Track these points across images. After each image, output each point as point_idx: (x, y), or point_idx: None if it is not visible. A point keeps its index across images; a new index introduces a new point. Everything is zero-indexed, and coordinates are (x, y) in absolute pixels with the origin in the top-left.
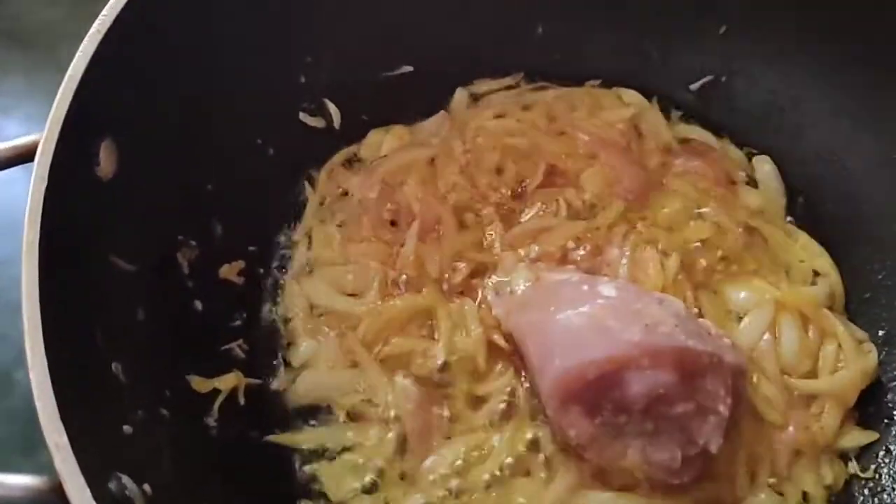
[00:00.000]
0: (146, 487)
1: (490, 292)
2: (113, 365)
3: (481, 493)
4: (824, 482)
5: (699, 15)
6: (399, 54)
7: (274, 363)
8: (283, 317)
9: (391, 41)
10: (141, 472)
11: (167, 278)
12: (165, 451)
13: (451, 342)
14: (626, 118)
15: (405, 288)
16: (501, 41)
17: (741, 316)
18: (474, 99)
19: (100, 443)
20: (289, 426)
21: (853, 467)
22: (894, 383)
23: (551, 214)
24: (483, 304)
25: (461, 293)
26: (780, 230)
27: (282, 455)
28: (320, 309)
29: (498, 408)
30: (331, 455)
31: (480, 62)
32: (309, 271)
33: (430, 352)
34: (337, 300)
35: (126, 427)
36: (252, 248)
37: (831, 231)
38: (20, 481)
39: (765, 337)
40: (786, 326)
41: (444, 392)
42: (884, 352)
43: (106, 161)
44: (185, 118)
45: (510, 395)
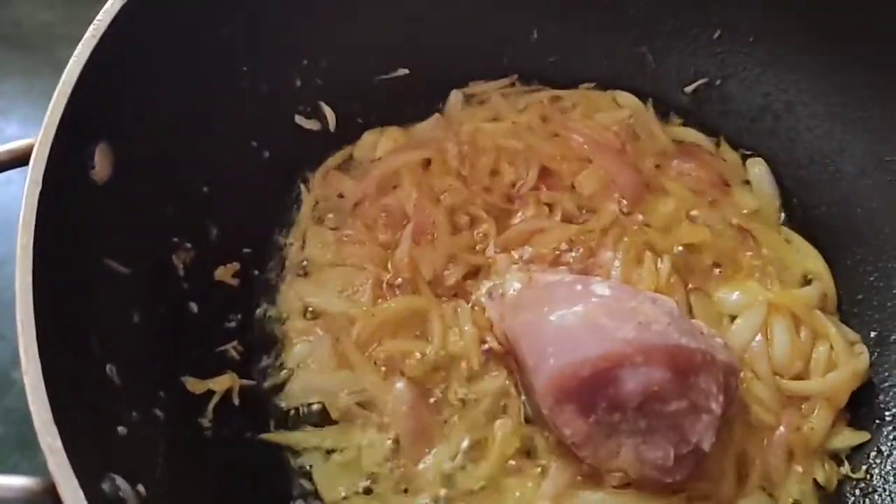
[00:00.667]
0: (140, 488)
1: (483, 295)
2: (107, 367)
3: (475, 494)
4: (815, 482)
5: (694, 19)
6: (394, 57)
7: (268, 364)
8: (278, 318)
9: (386, 44)
10: (135, 473)
11: (162, 280)
12: (160, 452)
13: (445, 344)
14: (621, 120)
15: (399, 290)
16: (496, 44)
17: (734, 317)
18: (469, 101)
19: (94, 444)
20: (283, 427)
21: (845, 468)
22: (886, 384)
23: (545, 217)
24: (476, 306)
25: (455, 295)
26: (774, 232)
27: (276, 456)
28: (314, 310)
29: (491, 409)
30: (325, 456)
31: (475, 65)
32: (303, 273)
33: (424, 353)
34: (331, 302)
35: (120, 428)
36: (247, 251)
37: (824, 233)
38: (14, 482)
39: (757, 338)
40: (778, 328)
41: (438, 393)
42: (875, 353)
43: (101, 164)
44: (181, 121)
45: (503, 397)
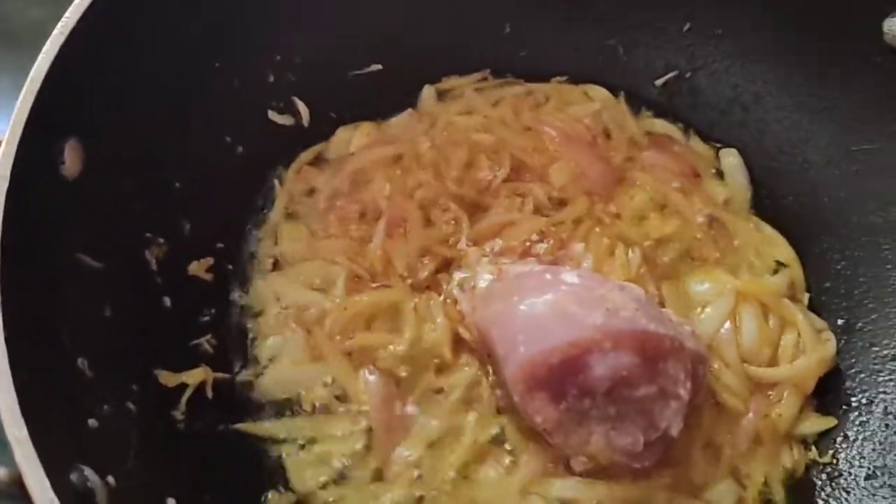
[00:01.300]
0: (110, 479)
1: (455, 287)
2: (79, 360)
3: (447, 484)
4: (784, 467)
5: (663, 12)
6: (367, 52)
7: (242, 358)
8: (251, 312)
9: (359, 39)
10: (105, 465)
11: (135, 275)
12: (132, 445)
13: (417, 336)
14: (592, 113)
15: (372, 283)
16: (469, 39)
17: (703, 306)
18: (442, 96)
19: (63, 436)
20: (256, 419)
21: (812, 453)
22: (852, 371)
23: (517, 209)
24: (448, 299)
25: (427, 288)
26: (744, 222)
27: (249, 448)
28: (288, 304)
29: (463, 400)
30: (298, 447)
31: (448, 59)
32: (277, 267)
33: (396, 345)
34: (304, 295)
35: (91, 421)
36: (220, 245)
37: (793, 222)
38: None
39: (726, 326)
40: (746, 316)
41: (410, 385)
42: (843, 340)
43: (71, 161)
44: (153, 117)
45: (475, 387)
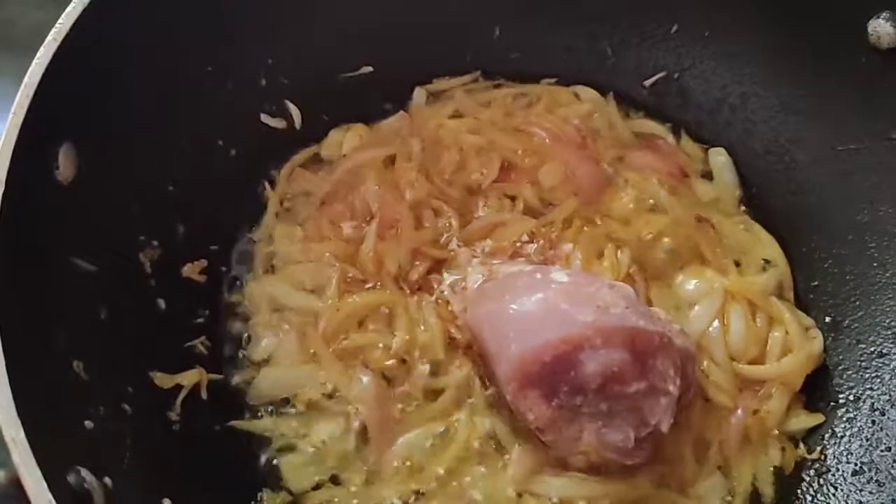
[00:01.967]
0: (107, 480)
1: (446, 288)
2: (74, 363)
3: (440, 482)
4: (772, 464)
5: (651, 14)
6: (359, 55)
7: (236, 359)
8: (245, 314)
9: (351, 42)
10: (102, 466)
11: (129, 278)
12: (128, 446)
13: (410, 336)
14: (582, 115)
15: (364, 284)
16: (459, 41)
17: (691, 305)
18: (433, 97)
19: (59, 438)
20: (251, 419)
21: (800, 449)
22: (840, 368)
23: (507, 210)
24: (440, 299)
25: (419, 289)
26: (732, 221)
27: (244, 448)
28: (281, 306)
29: (455, 399)
30: (292, 447)
31: (439, 62)
32: (270, 269)
33: (389, 346)
34: (297, 297)
35: (87, 422)
36: (214, 248)
37: (781, 222)
38: None
39: (714, 325)
40: (734, 314)
41: (403, 385)
42: (830, 337)
43: (65, 165)
44: (146, 121)
45: (467, 387)
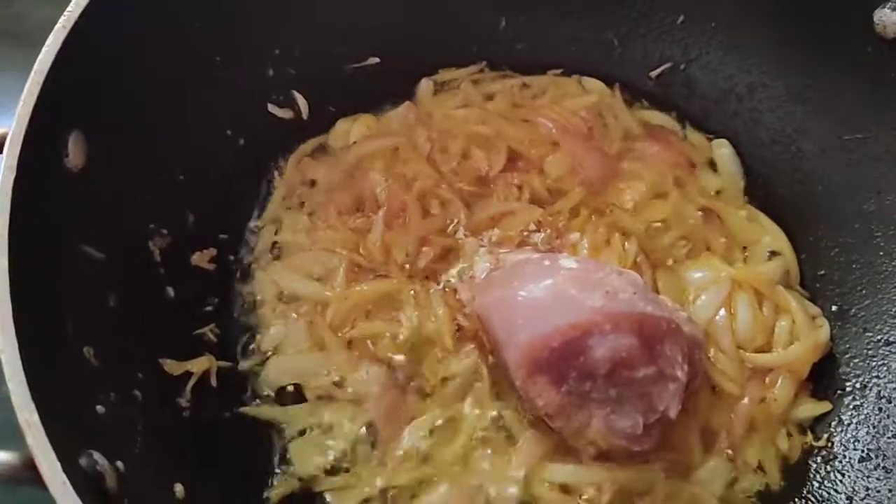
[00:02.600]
0: (118, 464)
1: (454, 276)
2: (84, 349)
3: (448, 469)
4: (779, 451)
5: (657, 5)
6: (365, 46)
7: (245, 346)
8: (254, 302)
9: (357, 33)
10: (113, 450)
11: (139, 266)
12: (139, 431)
13: (418, 325)
14: (588, 105)
15: (372, 273)
16: (465, 32)
17: (699, 294)
18: (439, 88)
19: (71, 422)
20: (260, 406)
21: (807, 437)
22: (846, 356)
23: (514, 199)
24: (447, 288)
25: (426, 277)
26: (738, 211)
27: (253, 434)
28: (289, 294)
29: (462, 387)
30: (301, 434)
31: (445, 52)
32: (278, 258)
33: (397, 335)
34: (305, 286)
35: (98, 407)
36: (223, 236)
37: (787, 211)
38: None
39: (721, 313)
40: (741, 303)
41: (411, 373)
42: (836, 326)
43: (75, 153)
44: (155, 110)
45: (475, 375)
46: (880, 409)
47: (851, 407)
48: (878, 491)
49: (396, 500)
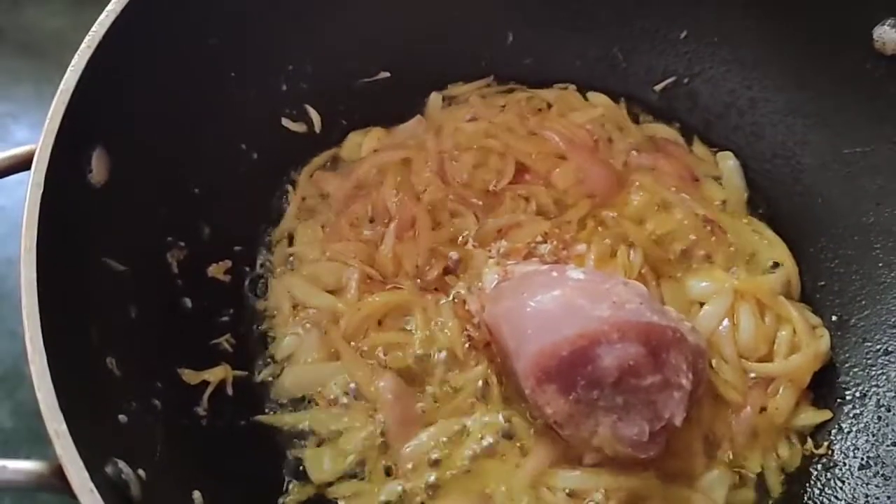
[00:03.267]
0: (141, 472)
1: (463, 288)
2: (107, 359)
3: (458, 476)
4: (781, 459)
5: (661, 21)
6: (376, 61)
7: (260, 356)
8: (268, 312)
9: (369, 49)
10: (136, 458)
11: (158, 277)
12: (159, 439)
13: (429, 335)
14: (594, 118)
15: (384, 284)
16: (474, 47)
17: (702, 304)
18: (449, 102)
19: (97, 431)
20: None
21: (808, 445)
22: (846, 365)
23: (521, 211)
24: (457, 299)
25: (436, 289)
26: (741, 222)
27: (269, 442)
28: (302, 305)
29: (473, 396)
30: (315, 441)
31: (454, 67)
32: (291, 269)
33: (408, 344)
34: (318, 297)
35: (121, 416)
36: (238, 248)
37: (789, 223)
38: (25, 466)
39: (724, 323)
40: (744, 313)
41: (422, 382)
42: (836, 336)
43: (98, 168)
44: (173, 126)
45: (484, 384)
46: (879, 418)
47: (851, 415)
48: (878, 498)
49: None
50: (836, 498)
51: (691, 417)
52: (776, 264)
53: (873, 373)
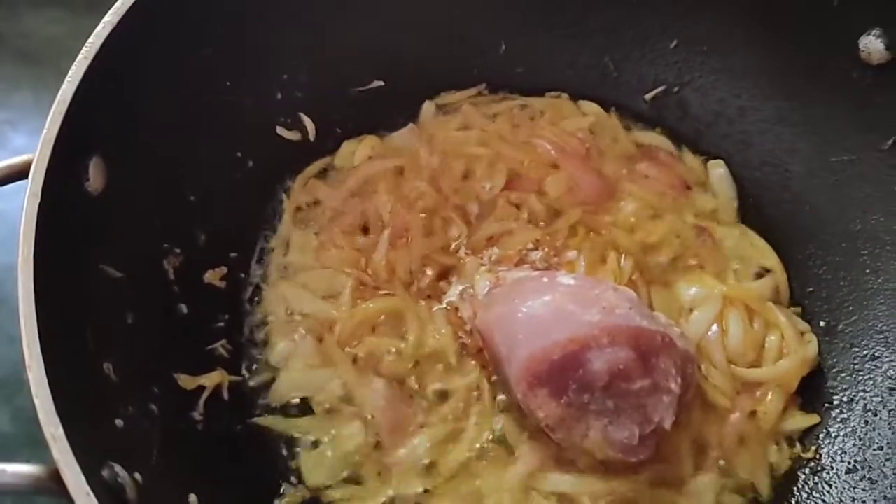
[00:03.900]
0: (137, 476)
1: (455, 296)
2: (104, 365)
3: (451, 480)
4: (769, 463)
5: (651, 30)
6: (370, 70)
7: (255, 362)
8: (263, 319)
9: (362, 58)
10: (132, 462)
11: (154, 284)
12: (155, 443)
13: (421, 341)
14: (585, 127)
15: (377, 291)
16: (466, 56)
17: (691, 310)
18: (441, 110)
19: (93, 435)
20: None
21: (796, 449)
22: (834, 371)
23: (513, 219)
24: (449, 306)
25: (429, 296)
26: (730, 230)
27: (264, 446)
28: (297, 311)
29: (465, 401)
30: (310, 446)
31: (447, 76)
32: (286, 276)
33: (401, 351)
34: (313, 303)
35: (118, 421)
36: (234, 255)
37: (777, 230)
38: (22, 469)
39: (713, 329)
40: (732, 319)
41: (414, 388)
42: (824, 341)
43: (95, 177)
44: (169, 135)
45: (477, 389)
46: (866, 422)
47: (839, 420)
48: (864, 501)
49: None
50: (824, 501)
51: (680, 422)
52: (765, 270)
53: (860, 378)
